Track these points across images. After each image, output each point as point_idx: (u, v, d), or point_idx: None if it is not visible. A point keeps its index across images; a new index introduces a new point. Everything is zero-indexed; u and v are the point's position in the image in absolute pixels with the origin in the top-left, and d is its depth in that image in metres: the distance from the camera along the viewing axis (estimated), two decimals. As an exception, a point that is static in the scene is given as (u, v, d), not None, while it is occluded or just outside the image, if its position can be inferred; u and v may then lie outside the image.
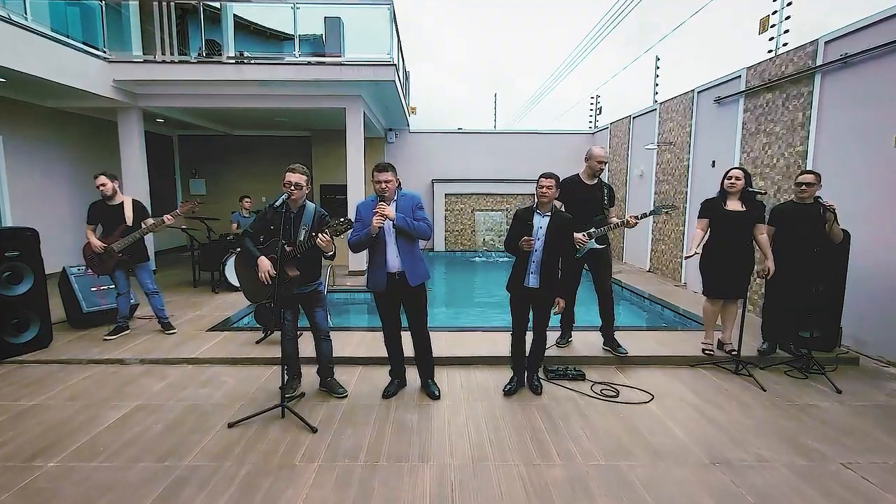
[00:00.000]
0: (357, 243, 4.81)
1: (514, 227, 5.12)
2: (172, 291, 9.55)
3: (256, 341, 6.59)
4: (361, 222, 4.79)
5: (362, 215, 4.82)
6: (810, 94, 7.40)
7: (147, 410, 4.83)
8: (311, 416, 4.66)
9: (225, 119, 14.46)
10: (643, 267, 12.82)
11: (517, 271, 5.13)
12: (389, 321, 5.15)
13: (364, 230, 4.72)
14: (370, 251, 4.91)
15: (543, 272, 4.99)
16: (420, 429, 4.52)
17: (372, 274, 4.91)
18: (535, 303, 5.12)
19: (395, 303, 5.07)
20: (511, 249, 5.12)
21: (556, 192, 4.99)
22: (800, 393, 5.32)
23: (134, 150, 10.99)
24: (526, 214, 5.09)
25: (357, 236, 4.78)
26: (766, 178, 8.25)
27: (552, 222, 4.97)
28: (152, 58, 10.34)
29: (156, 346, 6.51)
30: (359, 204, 4.92)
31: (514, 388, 5.34)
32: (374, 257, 4.89)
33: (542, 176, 4.99)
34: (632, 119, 13.82)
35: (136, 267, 6.79)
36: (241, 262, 5.05)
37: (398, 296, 4.99)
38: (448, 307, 10.25)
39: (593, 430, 4.50)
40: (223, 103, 10.80)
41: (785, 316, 6.11)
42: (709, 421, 4.70)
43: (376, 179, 4.68)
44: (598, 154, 6.05)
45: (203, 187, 16.73)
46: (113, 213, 6.62)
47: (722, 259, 5.97)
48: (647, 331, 7.28)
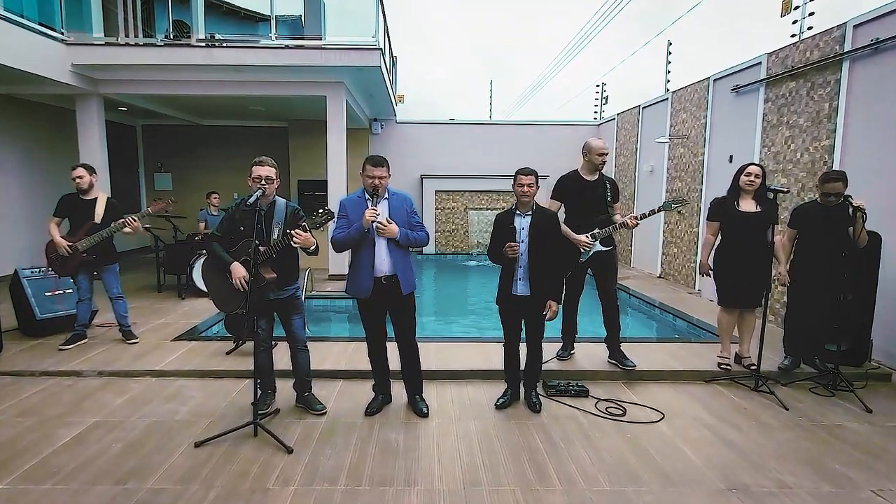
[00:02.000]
0: (342, 241, 4.76)
1: (495, 233, 5.14)
2: (135, 297, 9.48)
3: (227, 352, 6.55)
4: (347, 219, 4.77)
5: (348, 212, 4.79)
6: (837, 82, 7.42)
7: (106, 428, 4.79)
8: (287, 435, 4.62)
9: (194, 108, 14.42)
10: (653, 272, 12.85)
11: (504, 280, 5.13)
12: (374, 331, 5.11)
13: (353, 228, 4.68)
14: (353, 251, 4.87)
15: (533, 277, 4.98)
16: (406, 450, 4.49)
17: (355, 278, 4.85)
18: (527, 312, 5.12)
19: (381, 311, 5.02)
20: (495, 258, 5.12)
21: (536, 189, 4.97)
22: (826, 412, 5.32)
23: (93, 141, 10.92)
24: (506, 218, 5.10)
25: (343, 234, 4.75)
26: (788, 174, 8.27)
27: (534, 221, 4.97)
28: (114, 40, 10.31)
29: (116, 356, 6.46)
30: (343, 200, 4.90)
31: (507, 401, 5.34)
32: (359, 259, 4.83)
33: (518, 172, 4.99)
34: (641, 109, 13.86)
35: (102, 269, 6.77)
36: (210, 267, 5.02)
37: (385, 303, 4.95)
38: (438, 316, 10.21)
39: (597, 452, 4.48)
40: (192, 90, 10.76)
41: (809, 327, 6.08)
42: (725, 443, 4.69)
43: (369, 174, 4.65)
44: (597, 146, 6.01)
45: (169, 182, 16.70)
46: (84, 207, 6.60)
47: (736, 265, 5.95)
48: (657, 342, 7.28)
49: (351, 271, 4.92)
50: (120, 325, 7.03)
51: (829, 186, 5.69)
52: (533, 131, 17.37)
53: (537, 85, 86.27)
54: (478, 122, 17.83)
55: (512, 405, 5.34)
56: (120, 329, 7.05)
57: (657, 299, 10.07)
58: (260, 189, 4.59)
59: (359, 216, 4.64)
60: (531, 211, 5.00)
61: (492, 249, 5.16)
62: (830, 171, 5.93)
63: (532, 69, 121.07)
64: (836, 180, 5.68)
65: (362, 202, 4.74)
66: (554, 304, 5.01)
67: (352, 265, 4.91)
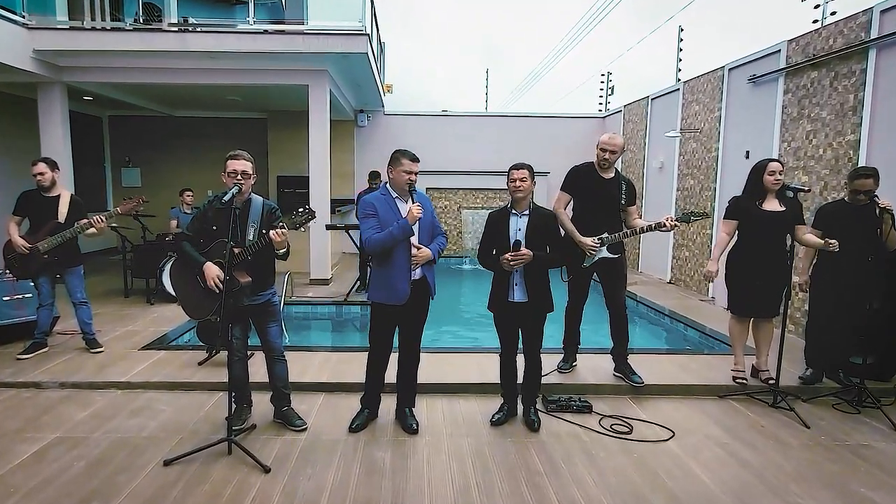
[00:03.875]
0: (382, 242, 4.73)
1: (487, 233, 5.15)
2: (100, 302, 9.43)
3: (199, 363, 6.53)
4: (377, 218, 4.78)
5: (378, 211, 4.80)
6: (863, 72, 7.44)
7: (67, 444, 4.77)
8: (264, 453, 4.60)
9: (165, 97, 14.40)
10: (662, 277, 12.88)
11: (499, 285, 5.12)
12: (384, 341, 5.14)
13: (396, 227, 4.68)
14: (382, 255, 4.84)
15: (530, 282, 4.98)
16: (394, 470, 4.48)
17: (388, 282, 4.85)
18: (524, 320, 5.12)
19: (401, 318, 5.05)
20: (487, 262, 5.12)
21: (532, 184, 4.97)
22: (850, 431, 5.32)
23: (56, 133, 10.87)
24: (499, 217, 5.10)
25: (383, 234, 4.72)
26: (810, 172, 8.28)
27: (531, 222, 4.96)
28: (80, 24, 10.27)
29: (79, 366, 6.43)
30: (369, 198, 4.92)
31: (503, 417, 5.33)
32: (394, 261, 4.83)
33: (512, 167, 4.99)
34: (650, 101, 13.90)
35: (64, 272, 6.74)
36: (180, 272, 5.01)
37: (410, 309, 4.98)
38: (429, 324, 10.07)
39: (601, 474, 4.48)
40: (163, 78, 10.75)
41: (833, 338, 6.06)
42: (740, 463, 4.69)
43: (407, 169, 4.75)
44: (602, 139, 5.97)
45: (138, 178, 16.67)
46: (46, 205, 6.56)
47: (754, 269, 5.91)
48: (667, 354, 7.30)
49: (380, 275, 4.91)
50: (83, 333, 6.99)
51: (859, 183, 5.67)
52: (532, 125, 17.37)
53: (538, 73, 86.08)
54: (472, 114, 17.83)
55: (508, 421, 5.33)
56: (83, 337, 7.00)
57: (667, 307, 10.09)
58: (236, 185, 4.59)
59: (389, 214, 4.73)
60: (528, 210, 5.00)
61: (482, 252, 5.16)
62: (861, 167, 5.90)
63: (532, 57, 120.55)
64: (866, 176, 5.65)
65: (391, 200, 4.83)
66: (528, 255, 4.78)
67: (380, 269, 4.90)
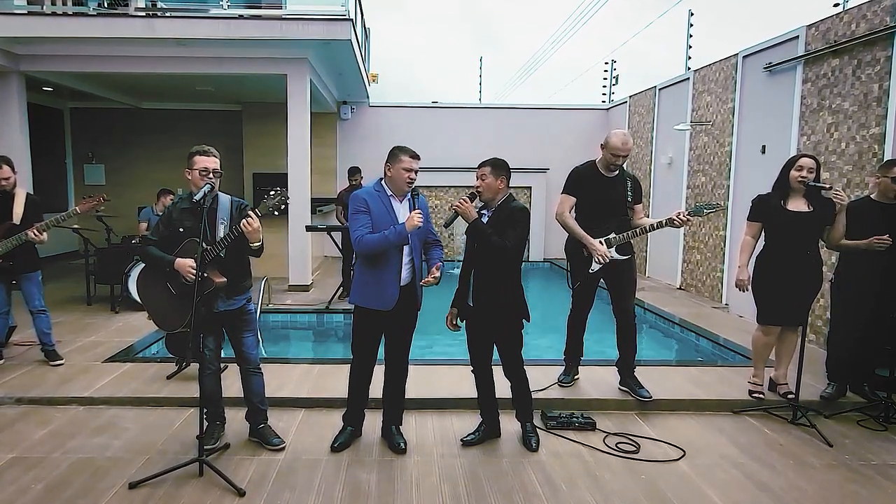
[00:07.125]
0: (376, 244, 4.74)
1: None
2: (60, 310, 9.40)
3: (167, 376, 6.51)
4: (368, 216, 4.79)
5: (370, 207, 4.81)
6: (888, 60, 7.47)
7: (24, 465, 4.76)
8: (238, 475, 4.58)
9: (132, 88, 14.43)
10: (672, 283, 12.92)
11: (461, 286, 5.20)
12: (368, 352, 5.15)
13: (393, 233, 4.68)
14: (372, 257, 4.86)
15: (480, 283, 5.00)
16: (380, 493, 4.47)
17: (376, 286, 4.87)
18: (491, 325, 5.11)
19: (386, 327, 5.07)
20: None
21: (499, 183, 4.94)
22: (877, 450, 5.32)
23: (13, 126, 10.87)
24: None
25: (377, 236, 4.72)
26: (831, 168, 8.31)
27: (494, 216, 4.98)
28: (39, 9, 10.27)
29: (37, 380, 6.42)
30: (361, 193, 4.95)
31: (476, 437, 5.30)
32: (384, 264, 4.85)
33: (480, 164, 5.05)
34: (657, 91, 13.97)
35: (21, 278, 6.72)
36: (148, 281, 5.01)
37: (395, 317, 5.00)
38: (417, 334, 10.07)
39: (606, 497, 4.48)
40: (129, 67, 10.78)
41: (857, 349, 6.05)
42: (757, 486, 4.69)
43: (408, 166, 4.79)
44: (615, 144, 5.86)
45: (102, 175, 16.64)
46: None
47: (783, 274, 5.80)
48: (677, 366, 7.34)
49: (366, 279, 4.93)
50: (42, 344, 6.96)
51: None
52: (530, 117, 17.43)
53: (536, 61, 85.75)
54: (465, 106, 17.91)
55: (486, 442, 5.29)
56: (42, 348, 6.98)
57: (677, 315, 10.11)
58: (208, 184, 4.61)
59: (383, 213, 4.76)
60: (493, 209, 5.01)
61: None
62: (893, 159, 5.89)
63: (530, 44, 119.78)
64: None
65: (386, 198, 4.86)
66: (469, 207, 4.88)
67: (368, 271, 4.92)
